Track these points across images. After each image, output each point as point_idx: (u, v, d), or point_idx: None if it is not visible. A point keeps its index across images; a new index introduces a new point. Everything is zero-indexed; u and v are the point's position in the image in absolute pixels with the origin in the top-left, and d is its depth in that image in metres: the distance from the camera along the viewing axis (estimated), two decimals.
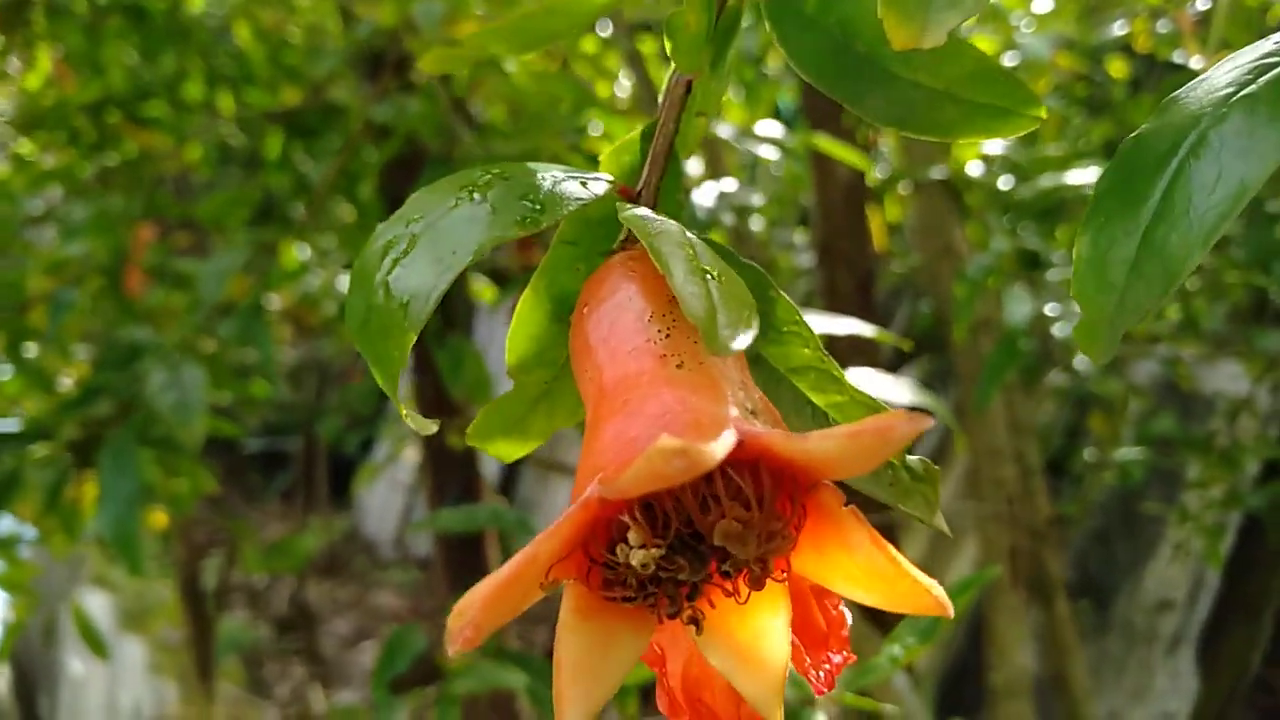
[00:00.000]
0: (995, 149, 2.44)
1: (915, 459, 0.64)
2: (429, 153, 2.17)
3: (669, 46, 0.67)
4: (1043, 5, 2.79)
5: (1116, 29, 2.84)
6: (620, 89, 2.81)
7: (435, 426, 0.62)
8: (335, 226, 2.90)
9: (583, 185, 0.64)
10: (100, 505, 1.65)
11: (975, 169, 2.45)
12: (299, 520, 7.04)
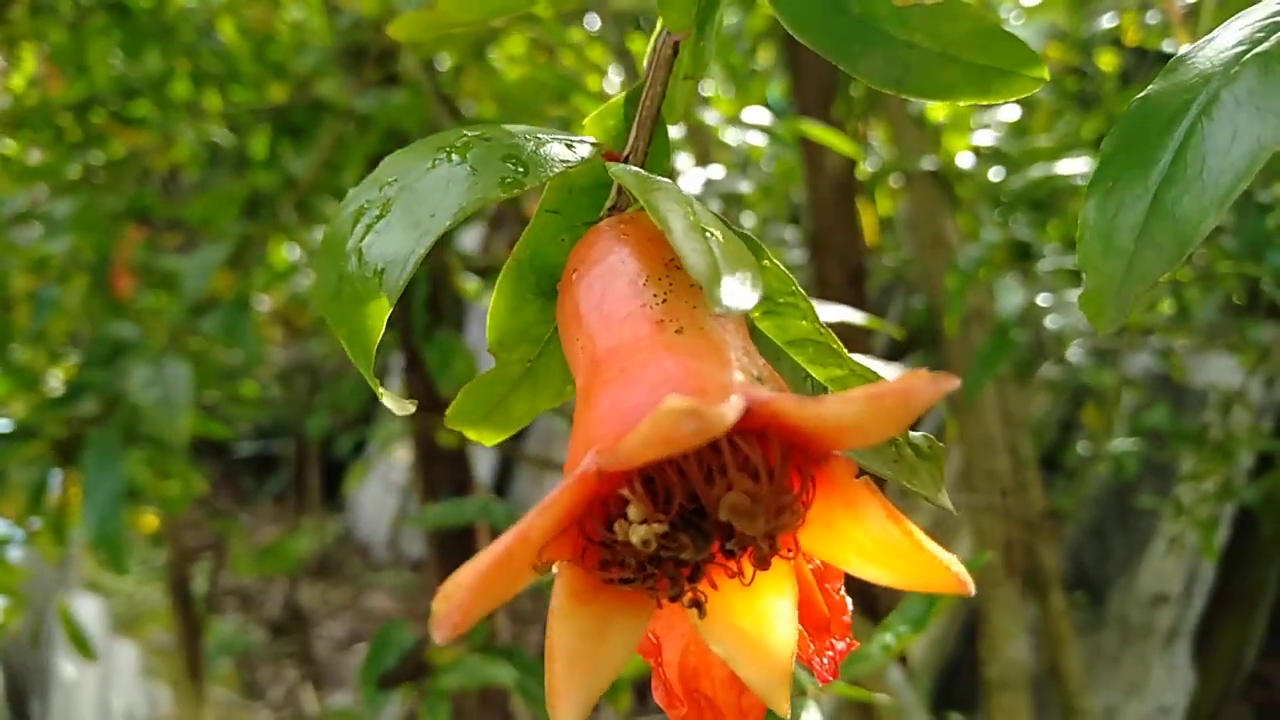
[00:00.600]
0: (985, 140, 2.43)
1: (919, 435, 0.62)
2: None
3: (657, 2, 0.65)
4: None
5: (1106, 21, 2.83)
6: (609, 85, 2.79)
7: (413, 407, 0.60)
8: (322, 223, 2.87)
9: (568, 148, 0.61)
10: (84, 504, 1.63)
11: (966, 160, 2.44)
12: (291, 523, 7.00)
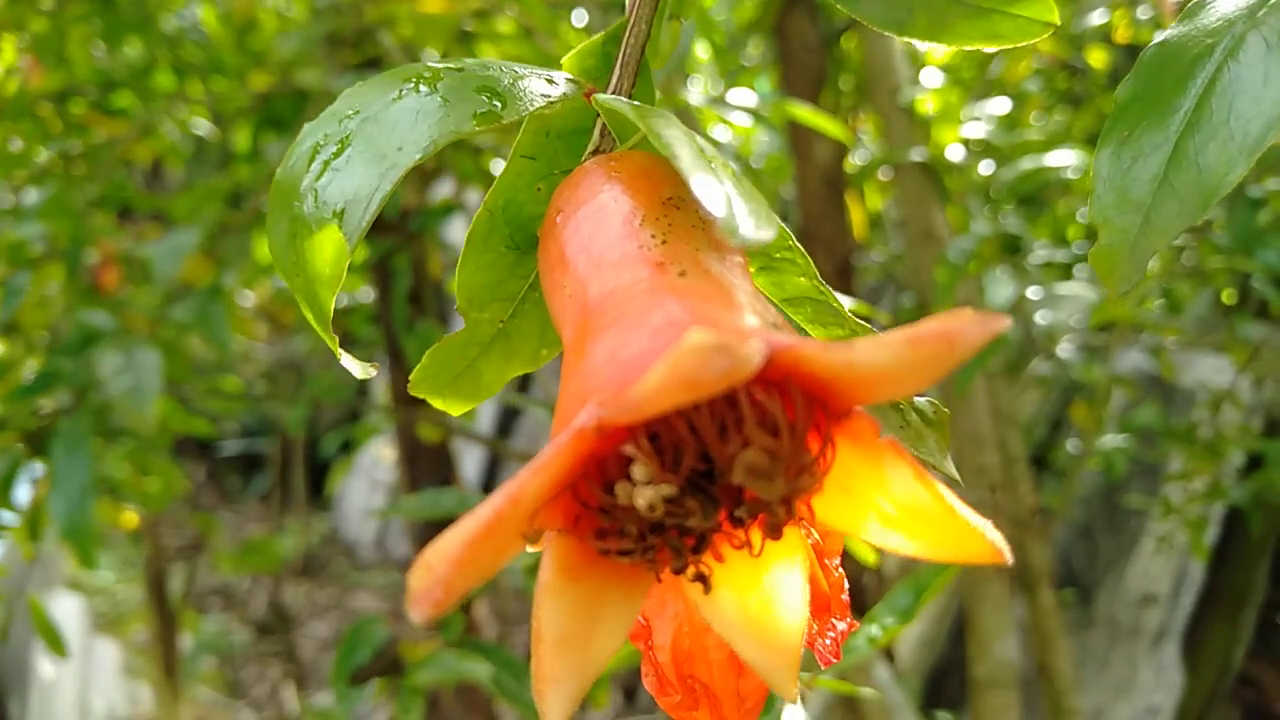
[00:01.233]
0: (976, 133, 2.41)
1: (924, 400, 0.57)
2: None
3: None
4: None
5: (1097, 17, 2.82)
6: None
7: (374, 370, 0.55)
8: None
9: (548, 82, 0.55)
10: (52, 495, 1.58)
11: (956, 153, 2.42)
12: (277, 522, 6.96)
